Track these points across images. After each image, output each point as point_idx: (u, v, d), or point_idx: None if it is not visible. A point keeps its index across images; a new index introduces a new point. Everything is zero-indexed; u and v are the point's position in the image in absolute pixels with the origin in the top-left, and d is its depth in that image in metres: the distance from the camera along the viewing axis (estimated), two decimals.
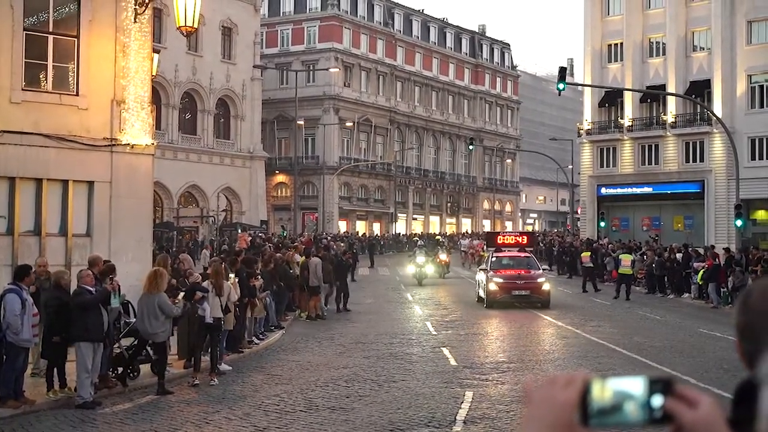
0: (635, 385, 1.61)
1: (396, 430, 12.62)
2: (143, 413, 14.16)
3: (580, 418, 1.62)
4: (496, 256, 33.71)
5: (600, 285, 40.60)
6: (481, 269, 34.87)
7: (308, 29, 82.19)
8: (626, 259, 37.60)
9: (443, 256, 49.10)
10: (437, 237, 69.28)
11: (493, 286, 31.06)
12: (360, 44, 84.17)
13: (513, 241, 35.72)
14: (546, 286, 31.61)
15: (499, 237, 36.69)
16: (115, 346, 16.24)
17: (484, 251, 48.84)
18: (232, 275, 19.35)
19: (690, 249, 39.05)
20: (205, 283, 17.58)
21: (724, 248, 37.05)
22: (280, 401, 14.92)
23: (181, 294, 18.04)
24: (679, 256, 38.56)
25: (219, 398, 15.35)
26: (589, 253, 41.37)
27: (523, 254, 34.45)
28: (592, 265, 40.92)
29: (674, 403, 1.62)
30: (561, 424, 1.63)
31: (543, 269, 34.08)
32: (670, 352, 20.60)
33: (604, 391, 1.62)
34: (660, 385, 1.61)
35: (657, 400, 1.60)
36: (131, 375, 16.50)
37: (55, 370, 14.94)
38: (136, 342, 16.83)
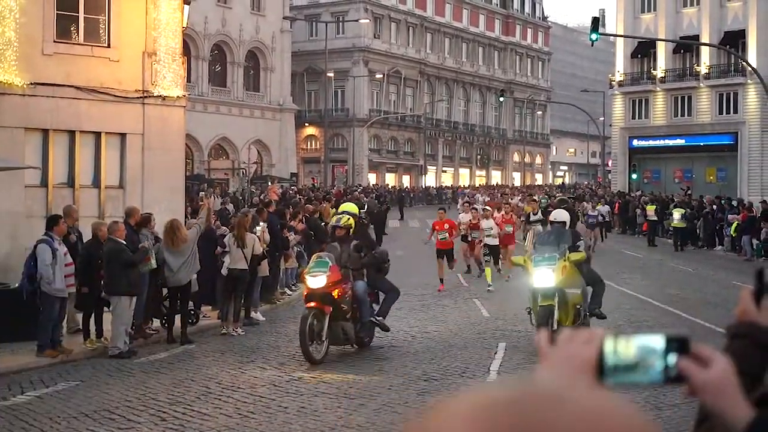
0: (654, 343, 1.56)
1: (430, 380, 12.67)
2: (179, 362, 14.30)
3: (597, 376, 1.58)
4: None
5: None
6: None
7: None
8: (678, 213, 37.37)
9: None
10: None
11: None
12: None
13: None
14: None
15: None
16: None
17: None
18: (259, 226, 19.26)
19: (724, 201, 38.67)
20: (227, 237, 17.78)
21: (760, 201, 36.61)
22: None
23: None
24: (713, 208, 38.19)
25: (253, 348, 15.47)
26: (654, 207, 40.83)
27: None
28: (656, 218, 40.46)
29: (687, 363, 1.56)
30: None
31: None
32: (703, 305, 20.47)
33: (621, 348, 1.57)
34: (676, 343, 1.56)
35: (672, 359, 1.56)
36: (192, 321, 16.86)
37: (92, 319, 15.12)
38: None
